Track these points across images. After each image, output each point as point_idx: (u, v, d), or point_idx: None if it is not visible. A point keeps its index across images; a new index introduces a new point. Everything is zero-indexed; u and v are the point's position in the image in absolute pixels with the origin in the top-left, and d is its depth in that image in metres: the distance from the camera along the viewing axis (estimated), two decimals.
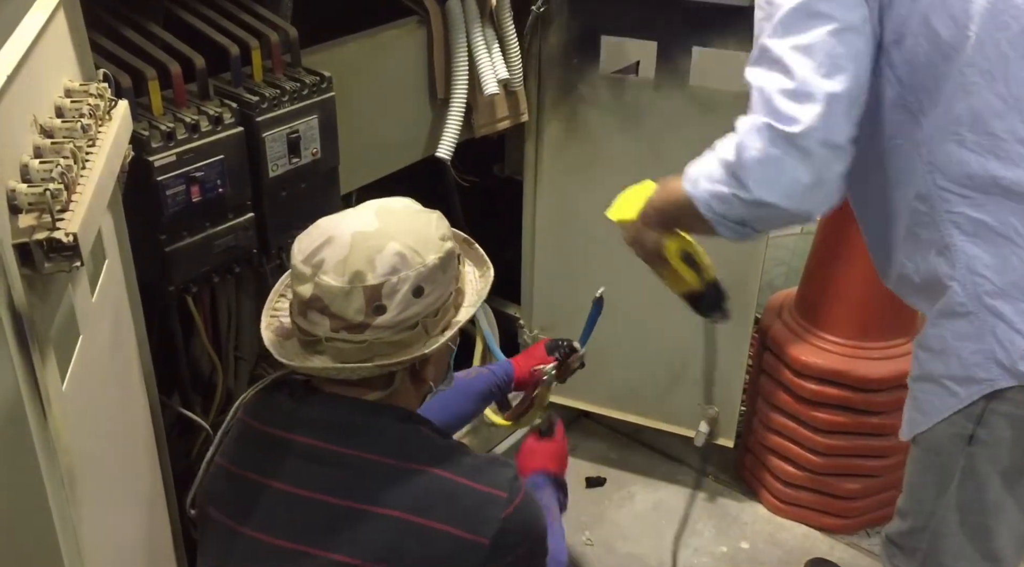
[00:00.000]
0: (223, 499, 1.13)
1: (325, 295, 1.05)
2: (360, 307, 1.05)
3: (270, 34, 1.56)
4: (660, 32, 1.96)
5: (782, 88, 1.14)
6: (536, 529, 1.12)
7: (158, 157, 1.37)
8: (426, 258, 1.07)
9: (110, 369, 1.21)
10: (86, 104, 1.06)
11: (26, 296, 0.85)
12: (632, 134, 2.07)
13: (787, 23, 1.14)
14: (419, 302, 1.07)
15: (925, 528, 1.35)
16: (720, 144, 1.23)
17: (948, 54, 1.13)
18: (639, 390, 2.32)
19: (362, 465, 1.07)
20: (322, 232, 1.09)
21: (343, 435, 1.08)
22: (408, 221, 1.10)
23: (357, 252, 1.05)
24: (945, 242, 1.20)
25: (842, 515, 2.23)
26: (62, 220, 0.89)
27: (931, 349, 1.27)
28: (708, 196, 1.22)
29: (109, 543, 1.14)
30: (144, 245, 1.39)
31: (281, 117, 1.53)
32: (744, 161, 1.16)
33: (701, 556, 2.19)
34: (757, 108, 1.17)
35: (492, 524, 1.04)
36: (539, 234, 2.28)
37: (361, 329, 1.06)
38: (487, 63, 1.95)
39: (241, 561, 1.10)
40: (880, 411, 2.07)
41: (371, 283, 1.04)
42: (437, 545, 1.03)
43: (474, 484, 1.07)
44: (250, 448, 1.14)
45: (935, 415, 1.27)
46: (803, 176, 1.14)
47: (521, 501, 1.08)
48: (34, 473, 0.90)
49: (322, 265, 1.06)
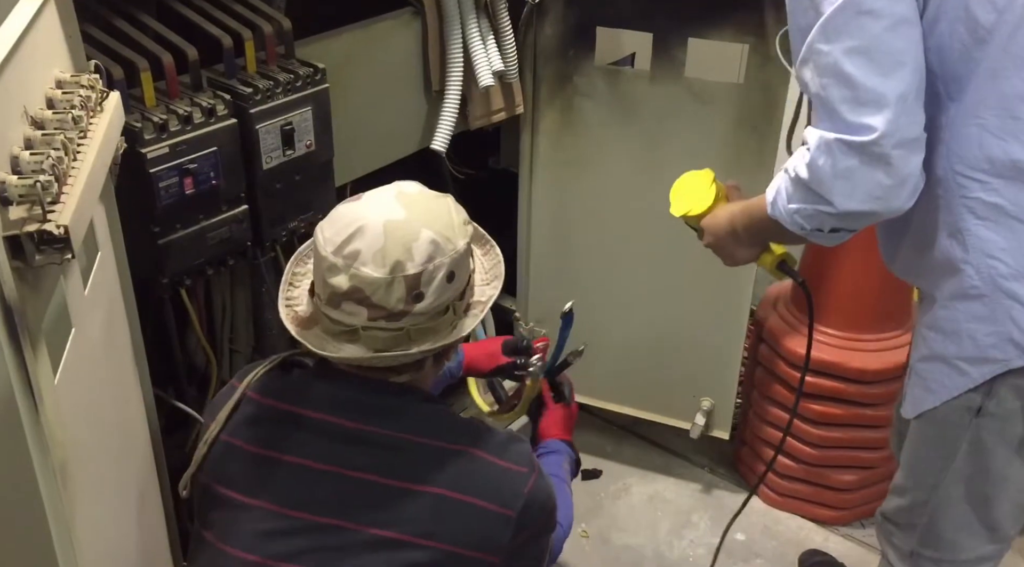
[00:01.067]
0: (234, 477, 1.13)
1: (366, 287, 1.06)
2: (402, 296, 1.07)
3: (264, 25, 1.55)
4: (656, 23, 1.96)
5: (845, 96, 1.10)
6: (551, 503, 1.18)
7: (151, 149, 1.37)
8: (457, 244, 1.10)
9: (103, 362, 1.20)
10: (77, 95, 1.05)
11: (17, 289, 0.85)
12: (628, 126, 2.06)
13: (836, 25, 1.10)
14: (451, 287, 1.11)
15: (927, 502, 1.37)
16: (791, 162, 1.21)
17: (983, 39, 1.12)
18: (635, 382, 2.32)
19: (399, 444, 1.10)
20: (349, 221, 1.08)
21: (377, 416, 1.11)
22: (432, 207, 1.12)
23: (393, 242, 1.06)
24: (958, 226, 1.20)
25: (837, 506, 2.24)
26: (53, 212, 0.88)
27: (942, 330, 1.27)
28: (793, 215, 1.21)
29: (103, 537, 1.13)
30: (137, 237, 1.38)
31: (275, 109, 1.52)
32: (821, 178, 1.15)
33: (697, 548, 2.19)
34: (822, 119, 1.14)
35: (519, 498, 1.11)
36: (535, 226, 2.27)
37: (400, 317, 1.08)
38: (482, 55, 1.94)
39: (262, 534, 1.10)
40: (875, 403, 2.07)
41: (411, 272, 1.06)
42: (472, 518, 1.09)
43: (501, 461, 1.13)
44: (265, 426, 1.14)
45: (944, 394, 1.28)
46: (884, 179, 1.12)
47: (539, 476, 1.15)
48: (26, 467, 0.89)
49: (358, 256, 1.06)
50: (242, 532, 1.11)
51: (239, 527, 1.11)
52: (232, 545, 1.11)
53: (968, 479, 1.32)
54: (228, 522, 1.12)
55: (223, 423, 1.16)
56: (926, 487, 1.37)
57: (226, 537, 1.12)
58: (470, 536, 1.09)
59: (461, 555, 1.09)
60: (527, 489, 1.12)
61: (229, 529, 1.12)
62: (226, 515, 1.13)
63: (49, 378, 0.94)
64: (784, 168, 1.23)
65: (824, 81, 1.12)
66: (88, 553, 1.02)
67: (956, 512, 1.35)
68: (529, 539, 1.15)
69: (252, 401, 1.16)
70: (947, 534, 1.38)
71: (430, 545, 1.08)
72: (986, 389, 1.24)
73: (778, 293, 2.27)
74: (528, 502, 1.12)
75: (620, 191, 2.13)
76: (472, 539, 1.09)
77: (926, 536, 1.40)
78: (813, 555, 2.15)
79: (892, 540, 1.47)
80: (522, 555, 1.15)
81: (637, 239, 2.17)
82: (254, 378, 1.17)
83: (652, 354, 2.28)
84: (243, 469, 1.13)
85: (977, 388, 1.25)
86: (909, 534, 1.43)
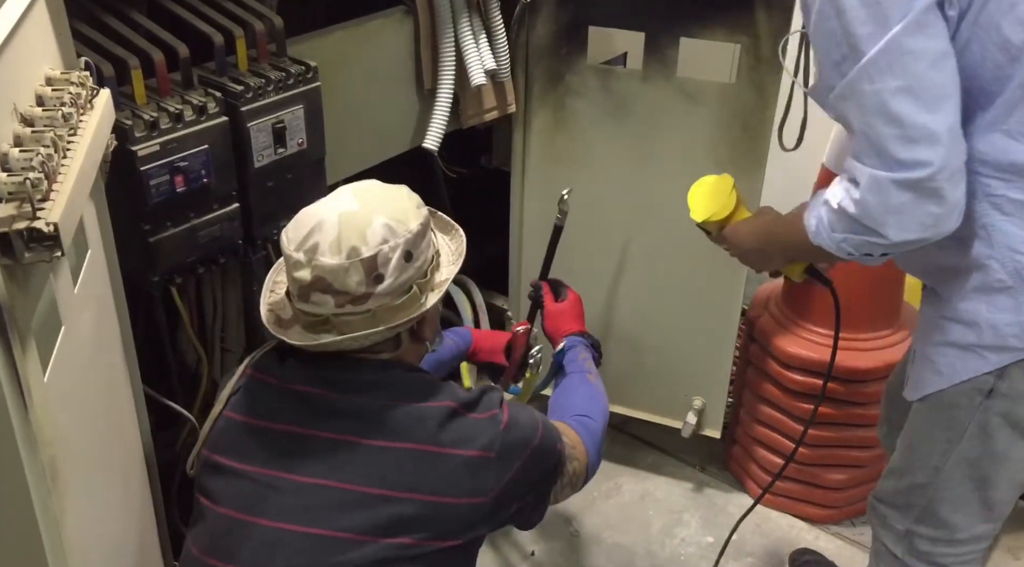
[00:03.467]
0: (228, 445, 1.19)
1: (327, 274, 1.13)
2: (361, 279, 1.13)
3: (255, 23, 1.55)
4: (648, 23, 1.96)
5: (895, 134, 1.12)
6: (532, 435, 1.22)
7: (141, 146, 1.36)
8: (409, 225, 1.17)
9: (93, 360, 1.20)
10: (67, 93, 1.04)
11: (6, 287, 0.85)
12: (619, 125, 2.07)
13: (880, 67, 1.11)
14: (410, 266, 1.17)
15: (928, 484, 1.40)
16: (832, 194, 1.22)
17: (1016, 57, 1.14)
18: (627, 381, 2.33)
19: (380, 409, 1.16)
20: (308, 220, 1.16)
21: (361, 388, 1.18)
22: (385, 196, 1.20)
23: (348, 230, 1.13)
24: (982, 222, 1.23)
25: (828, 505, 2.25)
26: (43, 209, 0.88)
27: (962, 321, 1.29)
28: (840, 243, 1.23)
29: (92, 535, 1.13)
30: (128, 235, 1.38)
31: (266, 107, 1.52)
32: (873, 215, 1.16)
33: (688, 546, 2.20)
34: (867, 155, 1.15)
35: (495, 439, 1.17)
36: (527, 225, 2.27)
37: (364, 299, 1.14)
38: (474, 53, 1.94)
39: (249, 496, 1.15)
40: (865, 402, 2.08)
41: (367, 255, 1.13)
42: (454, 467, 1.15)
43: (476, 413, 1.19)
44: (256, 398, 1.21)
45: (956, 377, 1.31)
46: (936, 209, 1.14)
47: (510, 415, 1.21)
48: (15, 465, 0.89)
49: (317, 248, 1.13)
50: (234, 494, 1.17)
51: (231, 490, 1.17)
52: (225, 507, 1.17)
53: (971, 461, 1.35)
54: (221, 486, 1.18)
55: (225, 401, 1.22)
56: (928, 469, 1.40)
57: (220, 500, 1.18)
58: (453, 484, 1.14)
59: (446, 503, 1.14)
60: (502, 427, 1.18)
61: (222, 493, 1.18)
62: (219, 480, 1.19)
63: (39, 376, 0.93)
64: (824, 198, 1.24)
65: (870, 120, 1.13)
66: (77, 551, 1.02)
67: (956, 492, 1.39)
68: (520, 470, 1.19)
69: (252, 378, 1.23)
70: (945, 514, 1.41)
71: (414, 497, 1.13)
72: (999, 372, 1.28)
73: (769, 293, 2.28)
74: (506, 440, 1.18)
75: (612, 190, 2.13)
76: (456, 487, 1.15)
77: (923, 516, 1.43)
78: (803, 554, 2.16)
79: (887, 522, 1.50)
80: (518, 487, 1.20)
81: (629, 238, 2.17)
82: (253, 359, 1.24)
83: (644, 353, 2.28)
84: (235, 437, 1.20)
85: (991, 371, 1.29)
86: (905, 514, 1.46)
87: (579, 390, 1.51)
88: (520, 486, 1.21)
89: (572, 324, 1.65)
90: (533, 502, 1.27)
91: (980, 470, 1.36)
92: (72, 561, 1.00)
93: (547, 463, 1.26)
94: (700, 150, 2.01)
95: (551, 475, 1.28)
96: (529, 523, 1.30)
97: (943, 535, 1.43)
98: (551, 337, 1.65)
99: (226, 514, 1.17)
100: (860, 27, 1.10)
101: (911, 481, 1.43)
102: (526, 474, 1.21)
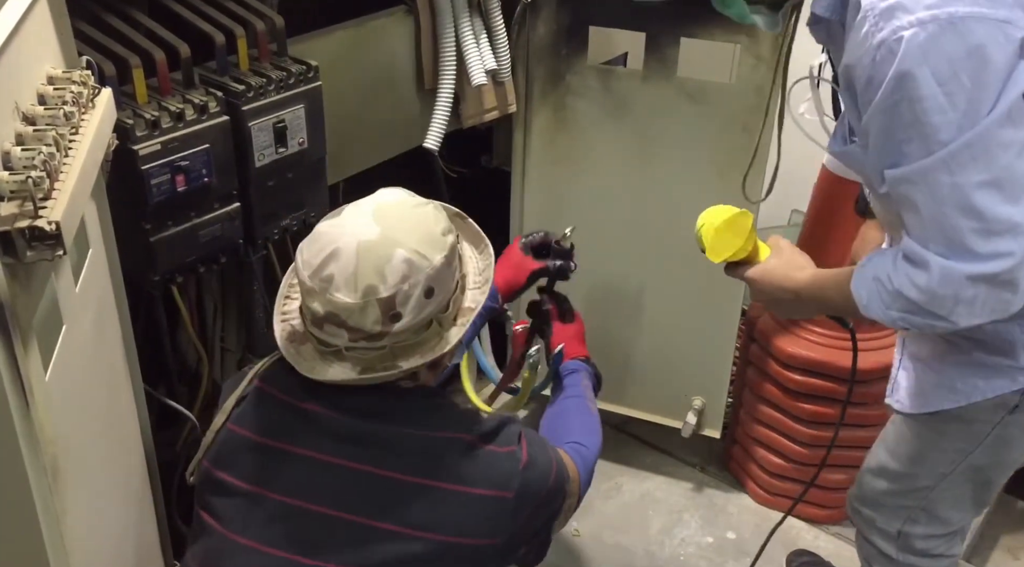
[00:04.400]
0: (234, 463, 1.14)
1: (341, 311, 1.07)
2: (377, 318, 1.07)
3: (256, 22, 1.55)
4: (648, 23, 1.96)
5: (974, 228, 1.05)
6: (547, 476, 1.18)
7: (143, 146, 1.36)
8: (433, 259, 1.08)
9: (94, 359, 1.20)
10: (69, 91, 1.04)
11: (8, 285, 0.85)
12: (620, 125, 2.07)
13: (962, 159, 1.03)
14: (431, 302, 1.09)
15: (932, 487, 1.41)
16: (888, 273, 1.15)
17: None
18: (627, 382, 2.33)
19: (396, 439, 1.11)
20: (325, 244, 1.08)
21: (377, 415, 1.12)
22: (408, 220, 1.10)
23: (365, 265, 1.06)
24: None
25: (827, 505, 2.25)
26: (44, 208, 0.88)
27: (992, 343, 1.27)
28: (896, 320, 1.17)
29: (93, 534, 1.13)
30: (129, 234, 1.38)
31: (267, 106, 1.52)
32: (941, 304, 1.10)
33: (687, 546, 2.20)
34: (936, 242, 1.09)
35: (514, 478, 1.13)
36: (527, 225, 2.27)
37: (380, 337, 1.08)
38: (475, 53, 1.94)
39: (267, 523, 1.11)
40: (865, 402, 2.08)
41: (384, 295, 1.06)
42: (471, 507, 1.10)
43: (494, 447, 1.14)
44: (268, 415, 1.15)
45: (977, 396, 1.30)
46: (1010, 298, 1.09)
47: (529, 452, 1.16)
48: (17, 463, 0.89)
49: (332, 281, 1.06)
50: (240, 517, 1.12)
51: (238, 512, 1.13)
52: (230, 529, 1.12)
53: (980, 467, 1.36)
54: (226, 507, 1.14)
55: (229, 412, 1.17)
56: (934, 475, 1.40)
57: (225, 521, 1.13)
58: (470, 525, 1.10)
59: (461, 544, 1.09)
60: (521, 466, 1.13)
61: (227, 513, 1.13)
62: (225, 500, 1.14)
63: (40, 375, 0.93)
64: (875, 275, 1.17)
65: (945, 210, 1.06)
66: (78, 549, 1.02)
67: (957, 495, 1.40)
68: (532, 513, 1.16)
69: (258, 390, 1.17)
70: (942, 512, 1.43)
71: (428, 537, 1.08)
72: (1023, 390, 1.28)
73: None
74: (525, 480, 1.13)
75: (612, 190, 2.14)
76: (473, 527, 1.10)
77: (918, 516, 1.45)
78: (800, 555, 2.16)
79: (875, 525, 1.50)
80: (528, 529, 1.17)
81: (629, 238, 2.17)
82: (262, 368, 1.19)
83: (644, 353, 2.28)
84: (243, 456, 1.14)
85: (1019, 390, 1.28)
86: (896, 515, 1.47)
87: (579, 417, 1.46)
88: (531, 527, 1.18)
89: (578, 348, 1.60)
90: (539, 543, 1.24)
91: (985, 474, 1.37)
92: (73, 559, 1.00)
93: (556, 504, 1.22)
94: (700, 150, 2.02)
95: (556, 515, 1.24)
96: (529, 563, 1.26)
97: (938, 531, 1.45)
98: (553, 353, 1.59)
99: (222, 534, 1.13)
100: (939, 116, 1.02)
101: (911, 485, 1.43)
102: (538, 515, 1.18)
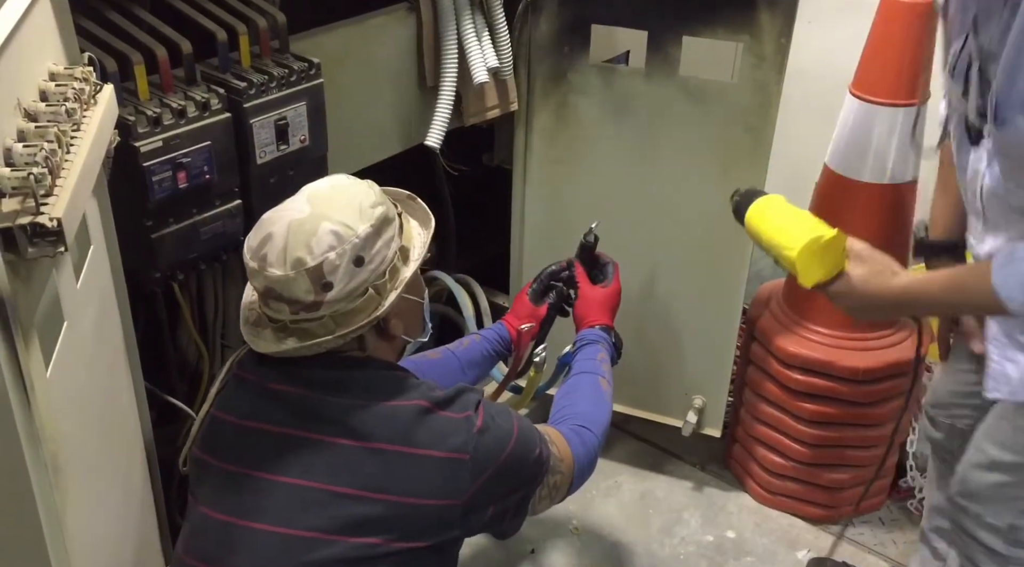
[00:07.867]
0: (211, 444, 1.21)
1: (275, 284, 1.14)
2: (308, 288, 1.13)
3: (258, 19, 1.55)
4: (650, 21, 1.96)
5: None
6: (506, 441, 1.21)
7: (144, 142, 1.36)
8: (358, 229, 1.14)
9: (95, 356, 1.20)
10: (71, 88, 1.05)
11: (9, 282, 0.84)
12: (622, 123, 2.07)
13: None
14: (363, 270, 1.15)
15: None
16: None
17: None
18: (627, 380, 2.32)
19: (351, 408, 1.16)
20: (264, 228, 1.16)
21: (331, 387, 1.17)
22: (337, 198, 1.18)
23: (294, 240, 1.13)
24: None
25: (828, 505, 2.24)
26: (46, 205, 0.88)
27: None
28: None
29: (93, 529, 1.13)
30: (130, 231, 1.38)
31: (269, 103, 1.52)
32: None
33: (687, 545, 2.20)
34: None
35: (470, 442, 1.16)
36: (528, 223, 2.27)
37: (316, 307, 1.14)
38: (477, 51, 1.94)
39: (227, 495, 1.17)
40: (866, 401, 2.08)
41: (311, 265, 1.12)
42: (426, 469, 1.14)
43: (449, 413, 1.18)
44: (250, 399, 1.20)
45: None
46: None
47: (485, 418, 1.20)
48: (18, 460, 0.89)
49: (267, 258, 1.14)
50: (212, 493, 1.18)
51: (210, 488, 1.19)
52: (204, 505, 1.18)
53: None
54: (203, 485, 1.20)
55: (212, 399, 1.23)
56: None
57: (200, 499, 1.19)
58: (430, 486, 1.14)
59: (417, 505, 1.14)
60: (476, 430, 1.17)
61: (203, 491, 1.19)
62: (202, 479, 1.20)
63: (41, 371, 0.93)
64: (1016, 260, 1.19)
65: None
66: (79, 545, 1.02)
67: None
68: (494, 477, 1.18)
69: (236, 377, 1.24)
70: None
71: (383, 498, 1.13)
72: None
73: (771, 292, 2.28)
74: (480, 443, 1.17)
75: (614, 188, 2.13)
76: (433, 488, 1.14)
77: None
78: (821, 564, 2.13)
79: (983, 520, 1.47)
80: (493, 493, 1.19)
81: (630, 237, 2.17)
82: (237, 357, 1.25)
83: (644, 352, 2.28)
84: (218, 435, 1.21)
85: None
86: (1008, 508, 1.45)
87: (587, 395, 1.47)
88: (494, 491, 1.20)
89: (602, 315, 1.60)
90: (512, 510, 1.25)
91: None
92: (73, 555, 1.00)
93: (524, 471, 1.24)
94: (702, 149, 2.01)
95: (529, 484, 1.26)
96: (504, 533, 1.28)
97: None
98: (576, 322, 1.61)
99: (204, 513, 1.18)
100: None
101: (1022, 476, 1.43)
102: (501, 479, 1.20)
